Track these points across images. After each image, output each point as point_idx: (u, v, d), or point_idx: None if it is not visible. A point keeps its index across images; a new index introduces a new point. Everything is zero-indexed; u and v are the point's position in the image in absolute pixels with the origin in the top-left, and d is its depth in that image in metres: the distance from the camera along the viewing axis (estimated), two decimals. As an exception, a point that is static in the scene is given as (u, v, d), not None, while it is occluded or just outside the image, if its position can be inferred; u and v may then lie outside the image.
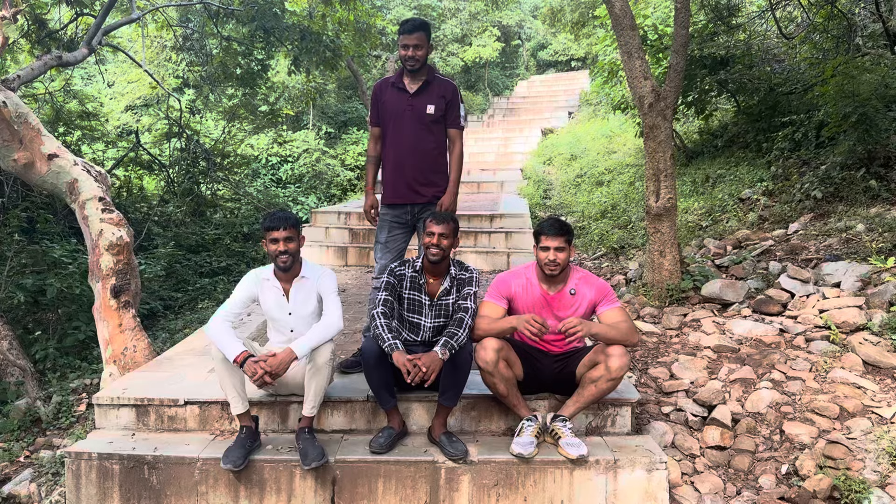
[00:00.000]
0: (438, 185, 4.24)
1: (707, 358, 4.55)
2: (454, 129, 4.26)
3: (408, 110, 4.15)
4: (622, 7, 5.71)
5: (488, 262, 8.04)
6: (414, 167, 4.18)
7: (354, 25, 11.46)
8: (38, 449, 5.10)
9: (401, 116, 4.17)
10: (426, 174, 4.20)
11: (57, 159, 5.54)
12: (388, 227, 4.27)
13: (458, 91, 4.29)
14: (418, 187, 4.20)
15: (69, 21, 9.69)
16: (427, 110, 4.14)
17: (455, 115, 4.24)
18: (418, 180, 4.19)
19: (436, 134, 4.21)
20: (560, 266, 3.57)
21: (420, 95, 4.16)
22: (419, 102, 4.15)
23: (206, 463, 3.44)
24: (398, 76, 4.23)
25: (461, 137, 4.29)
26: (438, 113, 4.16)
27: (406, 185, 4.19)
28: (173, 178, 11.76)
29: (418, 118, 4.15)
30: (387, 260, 4.21)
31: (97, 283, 5.38)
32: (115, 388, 3.89)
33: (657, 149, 5.66)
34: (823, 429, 3.75)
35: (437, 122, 4.19)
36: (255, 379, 3.25)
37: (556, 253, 3.54)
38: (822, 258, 5.66)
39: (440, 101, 4.16)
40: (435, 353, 3.34)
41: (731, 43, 9.25)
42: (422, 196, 4.21)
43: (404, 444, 3.62)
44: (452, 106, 4.21)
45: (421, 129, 4.16)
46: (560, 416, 3.54)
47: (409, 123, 4.16)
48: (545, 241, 3.57)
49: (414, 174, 4.18)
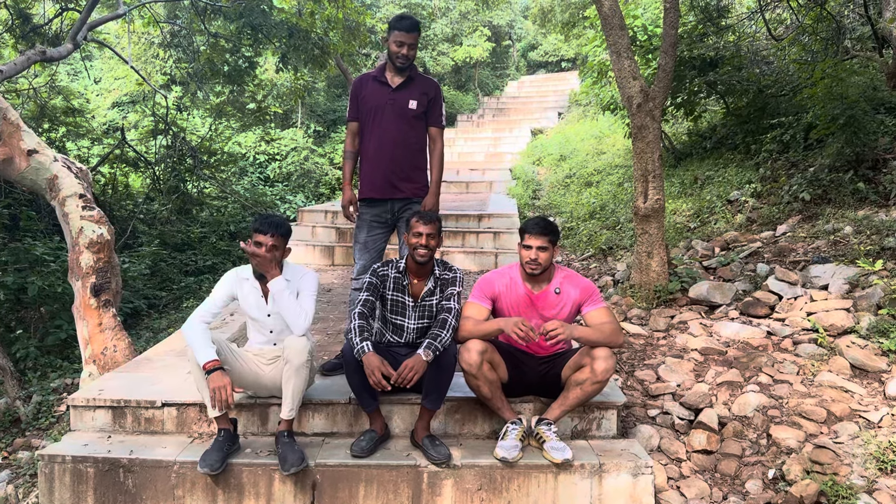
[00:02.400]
0: (417, 182, 4.16)
1: (694, 360, 4.51)
2: (435, 127, 4.20)
3: (389, 104, 4.07)
4: (611, 6, 5.67)
5: (476, 263, 7.99)
6: (393, 161, 4.09)
7: (343, 23, 11.38)
8: (17, 450, 5.01)
9: (381, 110, 4.09)
10: (405, 169, 4.12)
11: (37, 155, 5.44)
12: (367, 227, 4.20)
13: (441, 90, 4.23)
14: (397, 182, 4.11)
15: (54, 16, 9.58)
16: (409, 105, 4.07)
17: (437, 113, 4.18)
18: (397, 174, 4.10)
19: (417, 130, 4.14)
20: (541, 266, 3.52)
21: (402, 90, 4.09)
22: (401, 97, 4.08)
23: (182, 466, 3.37)
24: (380, 70, 4.16)
25: (442, 137, 4.23)
26: (420, 109, 4.10)
27: (384, 178, 4.11)
28: (159, 176, 11.64)
29: (399, 112, 4.07)
30: (366, 260, 4.14)
31: (77, 281, 5.29)
32: (91, 390, 3.81)
33: (645, 149, 5.62)
34: (811, 433, 3.72)
35: (418, 117, 4.12)
36: (216, 402, 3.20)
37: (538, 252, 3.50)
38: (810, 260, 5.65)
39: (423, 98, 4.10)
40: (419, 355, 3.28)
41: (720, 44, 9.25)
42: (400, 191, 4.13)
43: (387, 447, 3.55)
44: (435, 103, 4.16)
45: (402, 124, 4.09)
46: (545, 420, 3.48)
47: (389, 117, 4.08)
48: (528, 240, 3.53)
49: (392, 168, 4.09)
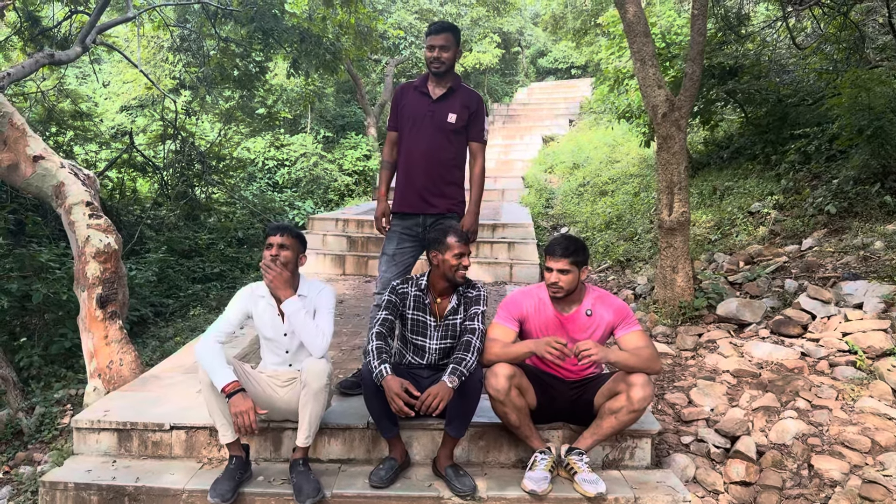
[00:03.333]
0: (451, 199, 3.96)
1: (726, 383, 4.30)
2: (477, 142, 3.99)
3: (428, 116, 3.88)
4: (636, 13, 5.49)
5: (490, 274, 7.80)
6: (427, 176, 3.90)
7: (355, 28, 11.22)
8: (19, 464, 4.84)
9: (420, 122, 3.90)
10: (438, 185, 3.92)
11: (43, 161, 5.27)
12: (397, 239, 3.99)
13: (483, 103, 4.02)
14: (430, 197, 3.92)
15: (63, 18, 9.45)
16: (448, 118, 3.87)
17: (479, 127, 3.96)
18: (430, 190, 3.91)
19: (455, 144, 3.94)
20: (563, 289, 3.32)
21: (443, 102, 3.90)
22: (441, 109, 3.88)
23: (191, 495, 3.18)
24: (422, 80, 3.97)
25: (483, 152, 4.01)
26: (460, 123, 3.89)
27: (416, 193, 3.92)
28: (167, 181, 11.49)
29: (438, 125, 3.87)
30: (392, 274, 3.93)
31: (83, 291, 5.11)
32: (96, 411, 3.63)
33: (671, 160, 5.43)
34: (855, 464, 3.51)
35: (457, 132, 3.92)
36: (240, 428, 3.00)
37: (558, 275, 3.30)
38: (840, 277, 5.44)
39: (463, 111, 3.90)
40: (443, 381, 3.09)
41: (739, 53, 9.06)
42: (433, 207, 3.93)
43: (407, 476, 3.36)
44: (477, 118, 3.94)
45: (440, 137, 3.89)
46: (576, 450, 3.28)
47: (427, 130, 3.88)
48: (549, 262, 3.34)
49: (425, 183, 3.90)
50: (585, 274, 3.38)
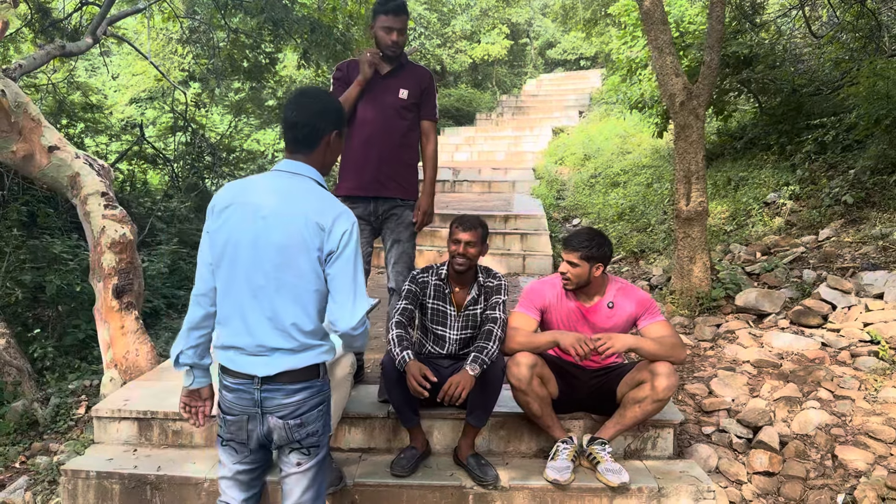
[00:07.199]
0: (406, 182, 3.76)
1: (747, 374, 4.27)
2: (429, 120, 3.79)
3: (378, 92, 3.68)
4: (653, 1, 5.43)
5: (503, 265, 7.76)
6: (378, 156, 3.67)
7: (365, 19, 11.17)
8: (35, 454, 4.85)
9: (370, 100, 3.69)
10: (393, 165, 3.70)
11: (57, 152, 5.26)
12: None
13: (434, 80, 3.85)
14: (384, 179, 3.69)
15: (73, 10, 9.45)
16: (400, 94, 3.67)
17: (431, 105, 3.78)
18: (383, 171, 3.68)
19: (408, 121, 3.73)
20: (573, 282, 3.28)
21: (392, 78, 3.69)
22: (391, 85, 3.68)
23: (214, 484, 3.17)
24: None
25: (435, 131, 3.83)
26: (412, 99, 3.70)
27: (371, 175, 3.68)
28: (178, 173, 11.48)
29: (389, 102, 3.68)
30: None
31: (98, 282, 5.12)
32: (115, 400, 3.63)
33: (688, 149, 5.38)
34: (880, 454, 3.48)
35: (409, 109, 3.72)
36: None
37: (567, 266, 3.26)
38: (859, 267, 5.38)
39: (415, 88, 3.70)
40: (465, 370, 3.06)
41: (754, 42, 8.96)
42: (387, 189, 3.70)
43: (428, 465, 3.35)
44: (429, 95, 3.76)
45: (392, 115, 3.67)
46: (599, 439, 3.26)
47: (378, 107, 3.68)
48: (563, 254, 3.30)
49: (380, 164, 3.68)
50: (600, 271, 3.30)
